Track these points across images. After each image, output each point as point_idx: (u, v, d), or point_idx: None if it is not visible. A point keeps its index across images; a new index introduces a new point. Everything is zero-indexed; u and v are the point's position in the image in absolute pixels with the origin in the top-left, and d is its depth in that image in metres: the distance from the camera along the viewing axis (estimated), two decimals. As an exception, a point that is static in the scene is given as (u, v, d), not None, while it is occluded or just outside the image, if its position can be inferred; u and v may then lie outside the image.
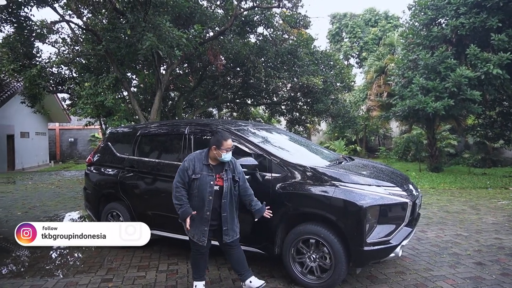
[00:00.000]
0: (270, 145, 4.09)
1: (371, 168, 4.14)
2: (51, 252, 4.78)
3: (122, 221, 4.73)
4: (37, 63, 11.81)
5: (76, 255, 4.70)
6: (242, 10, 11.64)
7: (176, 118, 15.10)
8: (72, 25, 11.90)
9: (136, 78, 15.44)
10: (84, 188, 5.46)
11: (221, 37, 11.59)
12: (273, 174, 3.65)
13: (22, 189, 10.41)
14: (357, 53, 28.18)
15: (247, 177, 3.54)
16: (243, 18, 12.20)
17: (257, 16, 12.55)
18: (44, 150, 22.60)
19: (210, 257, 3.72)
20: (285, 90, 15.54)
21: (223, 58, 12.92)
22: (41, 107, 15.24)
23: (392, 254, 3.34)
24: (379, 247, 3.26)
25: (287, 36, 14.16)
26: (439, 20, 11.46)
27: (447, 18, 10.87)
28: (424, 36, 11.34)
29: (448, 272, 3.83)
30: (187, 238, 3.92)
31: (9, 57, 11.43)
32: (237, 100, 17.07)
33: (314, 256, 3.43)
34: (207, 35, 11.97)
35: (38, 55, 12.40)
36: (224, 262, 4.13)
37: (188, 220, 3.19)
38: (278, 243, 3.63)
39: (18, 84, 15.81)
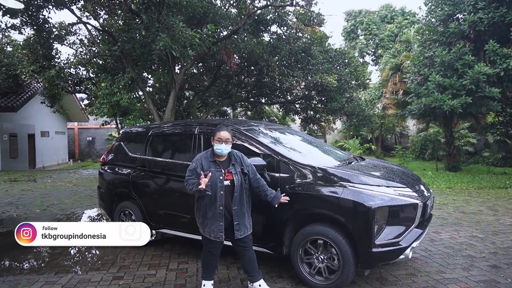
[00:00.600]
0: (279, 145, 4.08)
1: (381, 169, 4.08)
2: (69, 249, 4.90)
3: (134, 220, 4.82)
4: (56, 64, 12.09)
5: (91, 252, 4.81)
6: (255, 8, 11.64)
7: (191, 117, 15.22)
8: (89, 27, 12.16)
9: (152, 78, 15.65)
10: (98, 187, 5.57)
11: (235, 36, 11.62)
12: (281, 174, 3.65)
13: (42, 187, 10.71)
14: (373, 50, 27.79)
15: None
16: (256, 17, 12.20)
17: (271, 15, 12.53)
18: (63, 149, 23.20)
19: (220, 256, 3.75)
20: (299, 89, 15.47)
21: (237, 57, 12.97)
22: (60, 107, 15.65)
23: (402, 256, 3.29)
24: (388, 248, 3.22)
25: (301, 34, 14.10)
26: (456, 16, 11.19)
27: (465, 14, 10.59)
28: (440, 32, 11.08)
29: (461, 274, 3.75)
30: (196, 237, 3.98)
31: (29, 59, 11.76)
32: (251, 99, 17.08)
33: (322, 257, 3.42)
34: (221, 34, 12.00)
35: (57, 56, 12.72)
36: (233, 262, 4.15)
37: (203, 179, 3.03)
38: (287, 243, 3.63)
39: (38, 84, 16.25)
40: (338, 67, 14.63)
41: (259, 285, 3.35)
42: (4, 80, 14.25)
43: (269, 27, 13.14)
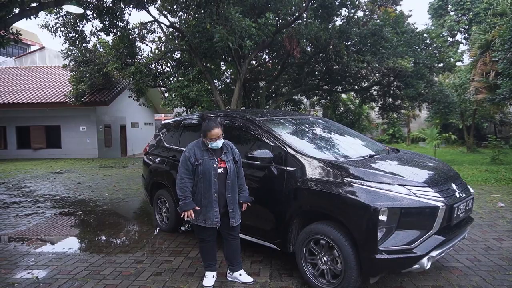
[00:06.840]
0: (292, 136, 3.86)
1: (406, 163, 3.56)
2: (115, 232, 5.35)
3: (168, 207, 5.06)
4: (137, 61, 13.18)
5: (132, 236, 5.20)
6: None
7: (259, 107, 15.33)
8: (162, 25, 13.02)
9: (226, 70, 16.12)
10: (142, 175, 5.96)
11: (300, 21, 11.26)
12: (287, 168, 3.44)
13: (121, 173, 11.92)
14: (465, 27, 24.20)
15: (264, 172, 3.54)
16: (321, 1, 11.63)
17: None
18: (151, 138, 25.43)
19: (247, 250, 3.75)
20: (373, 75, 14.42)
21: (308, 42, 12.55)
22: (145, 100, 17.16)
23: (416, 266, 2.85)
24: (396, 256, 2.81)
25: (376, 16, 13.09)
26: None
27: None
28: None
29: (503, 293, 3.11)
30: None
31: (113, 57, 13.05)
32: (325, 87, 16.44)
33: (325, 259, 3.14)
34: (288, 19, 11.71)
35: (140, 54, 13.87)
36: (261, 259, 4.03)
37: (191, 212, 3.22)
38: (293, 241, 3.43)
39: (126, 80, 17.98)
40: (417, 49, 13.22)
41: (240, 274, 3.40)
42: (97, 78, 16.09)
43: (336, 11, 12.41)
